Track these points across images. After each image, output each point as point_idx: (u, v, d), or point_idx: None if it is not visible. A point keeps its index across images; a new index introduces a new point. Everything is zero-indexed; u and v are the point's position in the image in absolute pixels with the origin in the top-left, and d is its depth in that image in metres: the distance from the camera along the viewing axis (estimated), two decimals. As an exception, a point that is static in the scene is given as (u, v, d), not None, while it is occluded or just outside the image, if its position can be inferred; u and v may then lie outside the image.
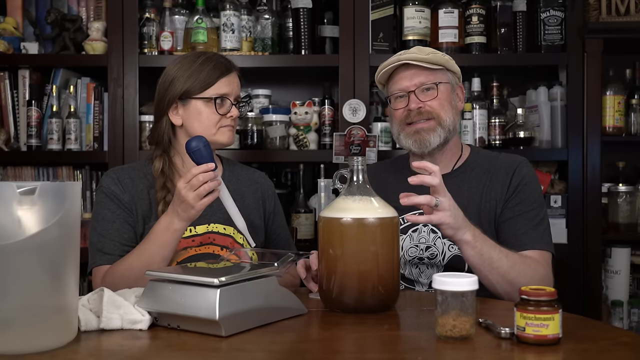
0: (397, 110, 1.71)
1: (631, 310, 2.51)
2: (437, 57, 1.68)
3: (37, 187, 0.99)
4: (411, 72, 1.68)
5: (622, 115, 2.55)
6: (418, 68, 1.67)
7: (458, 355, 1.02)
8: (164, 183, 1.66)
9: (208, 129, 1.65)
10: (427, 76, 1.67)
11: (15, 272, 1.00)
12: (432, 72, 1.68)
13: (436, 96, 1.67)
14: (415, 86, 1.67)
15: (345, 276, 1.28)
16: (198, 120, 1.66)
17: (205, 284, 1.13)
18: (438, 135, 1.66)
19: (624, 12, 2.50)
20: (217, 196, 1.48)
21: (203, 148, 1.47)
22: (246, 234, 1.57)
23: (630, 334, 1.17)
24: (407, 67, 1.68)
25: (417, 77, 1.67)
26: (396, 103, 1.71)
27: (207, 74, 1.65)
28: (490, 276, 1.46)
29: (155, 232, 1.51)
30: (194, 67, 1.66)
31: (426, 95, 1.67)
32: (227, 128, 1.68)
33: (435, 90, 1.67)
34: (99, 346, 1.07)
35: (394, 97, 1.71)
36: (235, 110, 1.68)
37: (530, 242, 1.58)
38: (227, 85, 1.67)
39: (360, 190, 1.31)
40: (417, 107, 1.66)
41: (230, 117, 1.67)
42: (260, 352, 1.06)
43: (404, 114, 1.69)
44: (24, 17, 2.61)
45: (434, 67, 1.67)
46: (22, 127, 2.55)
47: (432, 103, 1.67)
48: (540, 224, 1.62)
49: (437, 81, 1.67)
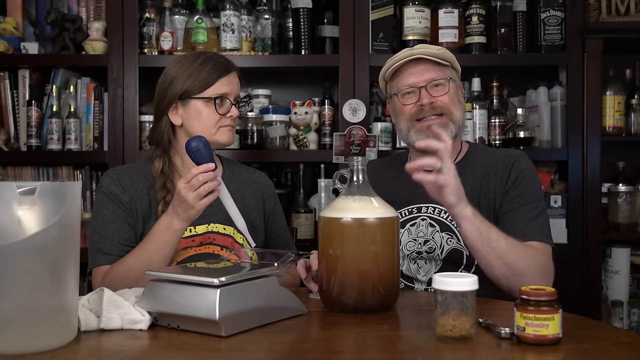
0: (407, 106, 1.68)
1: (631, 310, 2.51)
2: (447, 54, 1.69)
3: (37, 187, 0.99)
4: (421, 67, 1.67)
5: (622, 115, 2.55)
6: (428, 64, 1.67)
7: (458, 355, 1.02)
8: (164, 183, 1.66)
9: (208, 129, 1.65)
10: (437, 72, 1.67)
11: (15, 272, 1.00)
12: (441, 68, 1.68)
13: (447, 92, 1.67)
14: (426, 82, 1.66)
15: (345, 276, 1.28)
16: (198, 120, 1.66)
17: (205, 284, 1.13)
18: (450, 131, 1.65)
19: (624, 12, 2.50)
20: (217, 196, 1.48)
21: (203, 148, 1.47)
22: (246, 234, 1.57)
23: (630, 334, 1.17)
24: (417, 63, 1.67)
25: (428, 72, 1.67)
26: (405, 99, 1.69)
27: (207, 74, 1.65)
28: (489, 256, 1.45)
29: (155, 232, 1.51)
30: (194, 67, 1.66)
31: (437, 90, 1.66)
32: (226, 128, 1.67)
33: (446, 86, 1.67)
34: (99, 346, 1.07)
35: (402, 94, 1.70)
36: (235, 110, 1.68)
37: (530, 233, 1.58)
38: (226, 85, 1.67)
39: (360, 190, 1.31)
40: (429, 103, 1.66)
41: (230, 117, 1.67)
42: (260, 352, 1.06)
43: (414, 109, 1.67)
44: (24, 17, 2.61)
45: (444, 62, 1.67)
46: (22, 127, 2.55)
47: (444, 98, 1.66)
48: (539, 216, 1.61)
49: (447, 77, 1.67)
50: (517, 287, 1.38)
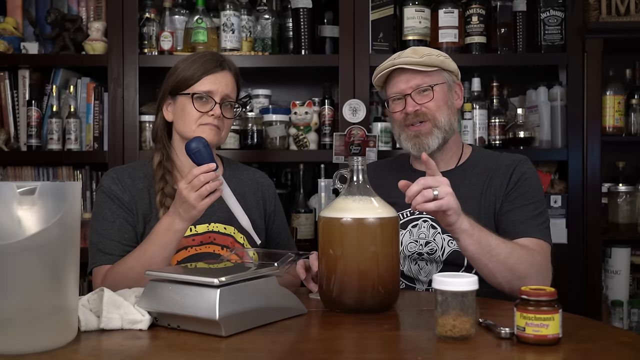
0: (396, 113, 1.73)
1: (631, 310, 2.51)
2: (432, 59, 1.68)
3: (37, 187, 0.99)
4: (407, 75, 1.69)
5: (622, 115, 2.55)
6: (413, 71, 1.68)
7: (458, 355, 1.02)
8: (163, 175, 1.67)
9: (188, 125, 1.65)
10: (423, 78, 1.69)
11: (15, 272, 1.00)
12: (427, 74, 1.69)
13: (432, 98, 1.68)
14: (411, 89, 1.69)
15: (345, 276, 1.28)
16: (181, 116, 1.67)
17: (205, 284, 1.13)
18: (436, 137, 1.68)
19: (624, 12, 2.50)
20: (218, 196, 1.47)
21: (203, 149, 1.46)
22: (251, 231, 1.55)
23: (630, 334, 1.17)
24: (403, 71, 1.70)
25: (413, 79, 1.69)
26: (394, 106, 1.73)
27: (194, 71, 1.66)
28: (490, 264, 1.45)
29: (157, 233, 1.51)
30: (185, 64, 1.68)
31: (423, 97, 1.69)
32: (207, 127, 1.65)
33: (430, 92, 1.68)
34: (99, 346, 1.07)
35: (392, 100, 1.73)
36: (217, 109, 1.65)
37: (527, 230, 1.58)
38: (212, 83, 1.66)
39: (360, 190, 1.31)
40: (413, 110, 1.68)
41: (212, 116, 1.65)
42: (260, 352, 1.06)
43: (401, 116, 1.71)
44: (24, 17, 2.61)
45: (428, 69, 1.68)
46: (22, 127, 2.55)
47: (429, 105, 1.68)
48: (540, 216, 1.62)
49: (432, 83, 1.68)
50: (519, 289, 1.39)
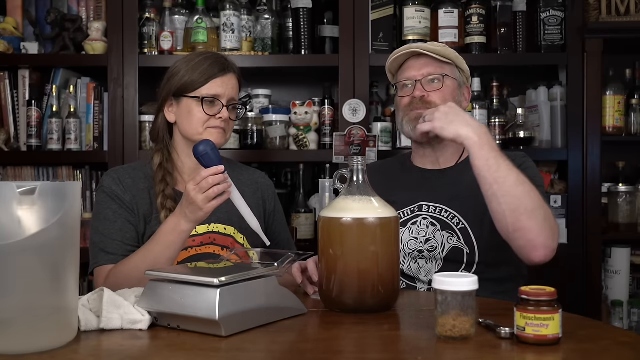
0: (403, 98, 1.73)
1: (631, 310, 2.51)
2: (448, 51, 1.71)
3: (37, 187, 0.99)
4: (421, 62, 1.71)
5: (622, 115, 2.55)
6: (428, 59, 1.70)
7: (458, 355, 1.02)
8: (163, 176, 1.66)
9: (195, 128, 1.65)
10: (436, 68, 1.70)
11: (15, 272, 0.99)
12: (440, 64, 1.70)
13: (441, 88, 1.69)
14: (422, 76, 1.69)
15: (345, 276, 1.28)
16: (187, 118, 1.66)
17: (205, 284, 1.12)
18: None
19: (624, 12, 2.50)
20: (226, 199, 1.46)
21: (211, 151, 1.45)
22: (261, 233, 1.54)
23: (630, 334, 1.17)
24: (418, 57, 1.71)
25: (426, 67, 1.70)
26: (402, 91, 1.74)
27: (201, 74, 1.65)
28: (496, 185, 1.44)
29: (162, 233, 1.50)
30: (190, 66, 1.67)
31: (431, 86, 1.69)
32: (215, 130, 1.66)
33: (440, 82, 1.69)
34: (99, 346, 1.07)
35: (401, 86, 1.74)
36: (225, 112, 1.66)
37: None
38: (219, 86, 1.66)
39: (360, 190, 1.31)
40: (420, 96, 1.68)
41: (220, 119, 1.66)
42: (260, 352, 1.06)
43: (408, 100, 1.72)
44: (24, 17, 2.61)
45: (443, 59, 1.69)
46: (22, 127, 2.55)
47: (436, 94, 1.68)
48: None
49: (444, 73, 1.69)
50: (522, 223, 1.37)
